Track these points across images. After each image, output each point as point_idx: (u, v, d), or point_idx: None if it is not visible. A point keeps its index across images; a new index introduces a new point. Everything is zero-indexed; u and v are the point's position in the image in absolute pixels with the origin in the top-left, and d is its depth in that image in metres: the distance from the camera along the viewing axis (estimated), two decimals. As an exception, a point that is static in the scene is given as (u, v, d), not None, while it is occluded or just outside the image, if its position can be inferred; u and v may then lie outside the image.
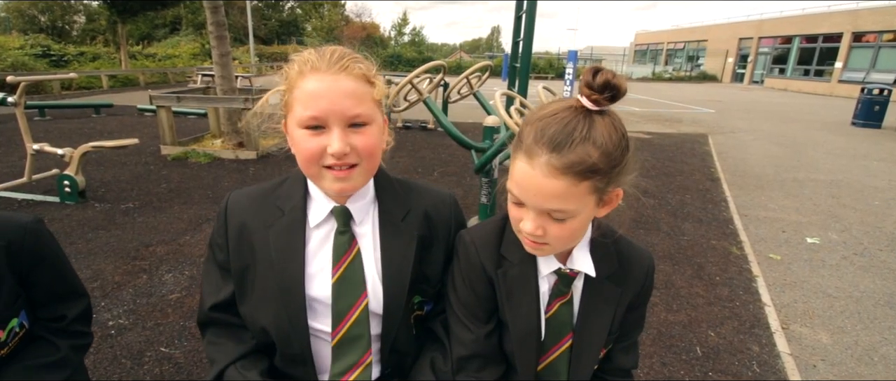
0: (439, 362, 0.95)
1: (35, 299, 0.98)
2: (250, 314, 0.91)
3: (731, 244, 3.72)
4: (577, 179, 0.72)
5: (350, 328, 0.88)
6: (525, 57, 5.65)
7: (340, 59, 0.81)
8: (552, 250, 0.83)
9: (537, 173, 0.73)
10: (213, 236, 0.96)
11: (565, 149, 0.72)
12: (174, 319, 2.45)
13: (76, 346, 1.02)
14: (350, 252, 0.89)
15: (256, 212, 0.92)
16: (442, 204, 0.99)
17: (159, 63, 20.96)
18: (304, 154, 0.81)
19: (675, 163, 6.46)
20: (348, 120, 0.80)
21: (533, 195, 0.75)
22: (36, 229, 0.95)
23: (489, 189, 3.50)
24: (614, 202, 0.81)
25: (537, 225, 0.77)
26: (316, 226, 0.90)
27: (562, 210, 0.75)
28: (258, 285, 0.89)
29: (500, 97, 2.92)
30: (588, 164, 0.72)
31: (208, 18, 6.20)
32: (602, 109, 0.74)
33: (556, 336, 0.91)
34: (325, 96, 0.78)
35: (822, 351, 2.44)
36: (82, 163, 4.13)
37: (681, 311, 2.72)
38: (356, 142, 0.81)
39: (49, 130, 7.40)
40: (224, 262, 0.93)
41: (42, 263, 0.96)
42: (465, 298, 0.92)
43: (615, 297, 0.91)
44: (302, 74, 0.80)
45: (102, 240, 3.39)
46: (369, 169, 0.86)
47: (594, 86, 0.72)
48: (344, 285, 0.88)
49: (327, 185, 0.84)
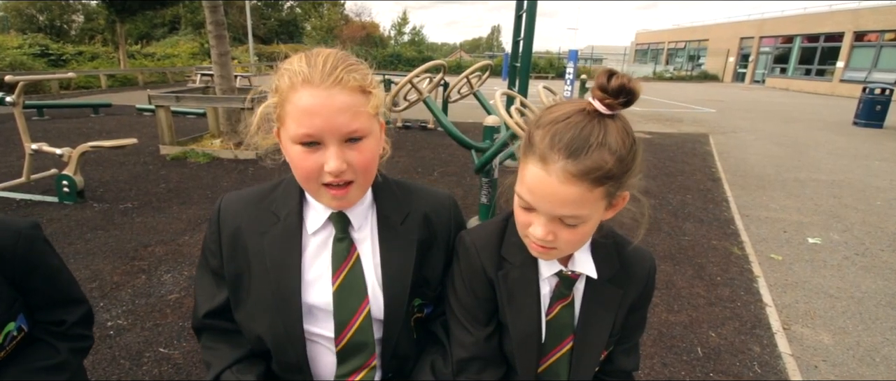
0: (439, 364, 0.95)
1: (33, 304, 0.97)
2: (246, 322, 0.90)
3: (732, 245, 3.72)
4: (592, 185, 0.71)
5: (354, 335, 0.87)
6: (525, 56, 5.65)
7: (334, 70, 0.76)
8: (559, 254, 0.83)
9: (553, 180, 0.72)
10: (205, 241, 0.94)
11: (582, 155, 0.71)
12: (173, 319, 2.45)
13: (76, 349, 1.01)
14: (349, 259, 0.88)
15: (250, 217, 0.90)
16: (441, 206, 0.98)
17: (158, 63, 20.98)
18: (301, 172, 0.80)
19: (675, 163, 6.46)
20: (344, 136, 0.77)
21: (547, 202, 0.74)
22: (31, 234, 0.94)
23: (489, 189, 3.50)
24: (620, 205, 0.81)
25: (548, 231, 0.76)
26: (313, 233, 0.89)
27: (575, 216, 0.74)
28: (253, 293, 0.88)
29: (500, 97, 2.92)
30: (604, 170, 0.71)
31: (207, 18, 6.21)
32: (614, 113, 0.73)
33: (556, 338, 0.91)
34: (320, 113, 0.74)
35: (824, 352, 2.44)
36: (81, 163, 4.13)
37: (682, 311, 2.72)
38: (352, 158, 0.79)
39: (47, 130, 7.41)
40: (217, 268, 0.92)
41: (36, 270, 0.95)
42: (465, 300, 0.92)
43: (616, 299, 0.90)
44: (293, 88, 0.76)
45: (101, 240, 3.39)
46: (365, 183, 0.85)
47: (609, 89, 0.71)
48: (345, 292, 0.87)
49: (325, 201, 0.84)
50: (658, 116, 11.70)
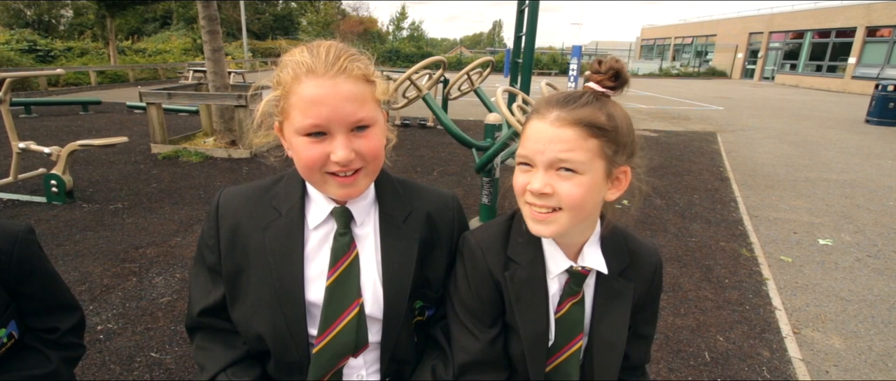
0: (440, 369, 0.95)
1: (26, 310, 0.97)
2: (244, 320, 0.90)
3: (740, 246, 3.72)
4: (585, 132, 0.78)
5: (336, 335, 0.86)
6: (528, 52, 5.66)
7: (337, 59, 0.77)
8: (561, 221, 0.81)
9: (547, 125, 0.79)
10: (202, 236, 0.94)
11: (573, 105, 0.80)
12: (165, 323, 2.45)
13: (68, 358, 1.01)
14: (348, 255, 0.88)
15: (251, 212, 0.90)
16: (445, 206, 0.98)
17: (149, 59, 20.95)
18: (306, 162, 0.80)
19: (682, 162, 6.46)
20: (351, 125, 0.78)
21: (542, 146, 0.79)
22: (26, 238, 0.94)
23: (491, 189, 3.50)
24: (623, 183, 0.85)
25: (545, 182, 0.79)
26: (315, 227, 0.89)
27: (570, 160, 0.78)
28: (253, 289, 0.88)
29: (502, 94, 2.92)
30: (596, 121, 0.78)
31: (200, 12, 6.20)
32: (607, 92, 0.82)
33: (566, 337, 0.91)
34: (326, 103, 0.75)
35: (835, 356, 2.44)
36: (70, 162, 4.13)
37: (689, 315, 2.72)
38: (360, 146, 0.79)
39: (35, 128, 7.41)
40: (214, 264, 0.91)
41: (31, 274, 0.95)
42: (470, 302, 0.92)
43: (630, 292, 0.92)
44: (297, 80, 0.77)
45: (90, 242, 3.39)
46: (374, 171, 0.86)
47: (601, 71, 0.81)
48: (338, 289, 0.87)
49: (332, 190, 0.84)
50: (664, 114, 11.70)
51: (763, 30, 28.72)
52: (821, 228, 4.25)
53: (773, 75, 27.64)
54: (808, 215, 4.58)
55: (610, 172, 0.81)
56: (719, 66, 31.53)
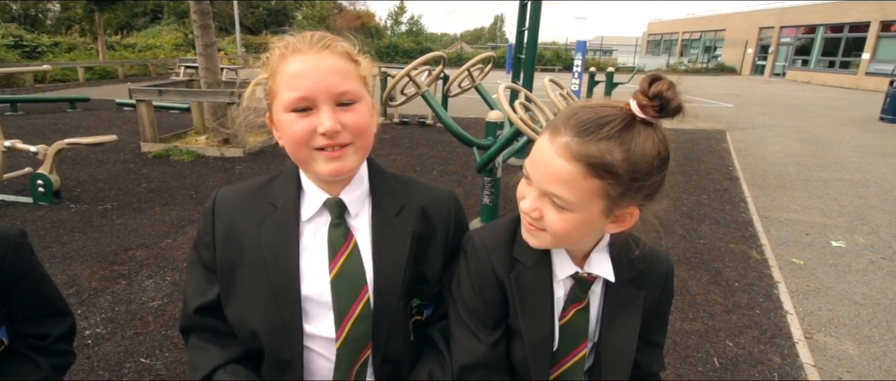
0: (437, 373, 0.95)
1: (16, 316, 0.97)
2: (239, 317, 0.91)
3: (750, 248, 3.73)
4: (587, 171, 0.73)
5: (354, 325, 0.87)
6: (530, 48, 5.65)
7: (322, 38, 0.84)
8: (546, 241, 0.84)
9: (552, 150, 0.76)
10: (198, 234, 0.96)
11: (588, 138, 0.73)
12: (155, 328, 2.45)
13: (58, 365, 1.01)
14: (347, 245, 0.89)
15: (246, 209, 0.92)
16: (440, 201, 0.99)
17: (139, 54, 20.93)
18: (293, 137, 0.82)
19: (690, 161, 6.46)
20: (336, 97, 0.81)
21: (540, 171, 0.78)
22: (19, 242, 0.94)
23: (492, 189, 3.50)
24: (627, 222, 0.82)
25: (535, 206, 0.80)
26: (307, 220, 0.91)
27: (560, 197, 0.76)
28: (247, 284, 0.89)
29: (503, 91, 2.92)
30: (605, 161, 0.72)
31: (191, 7, 6.20)
32: (648, 119, 0.74)
33: (570, 344, 0.91)
34: (310, 75, 0.80)
35: (848, 362, 2.44)
36: (57, 161, 4.14)
37: (697, 319, 2.72)
38: (347, 120, 0.82)
39: (21, 126, 7.41)
40: (210, 262, 0.93)
41: (23, 279, 0.95)
42: (473, 303, 0.92)
43: (639, 300, 0.92)
44: (284, 58, 0.82)
45: (78, 243, 3.40)
46: (363, 148, 0.87)
47: (648, 93, 0.73)
48: (343, 280, 0.88)
49: (320, 167, 0.84)
50: (672, 112, 11.70)
51: (774, 24, 28.72)
52: (833, 229, 4.25)
53: (784, 71, 27.64)
54: (821, 215, 4.59)
55: (610, 210, 0.78)
56: (728, 61, 31.52)
